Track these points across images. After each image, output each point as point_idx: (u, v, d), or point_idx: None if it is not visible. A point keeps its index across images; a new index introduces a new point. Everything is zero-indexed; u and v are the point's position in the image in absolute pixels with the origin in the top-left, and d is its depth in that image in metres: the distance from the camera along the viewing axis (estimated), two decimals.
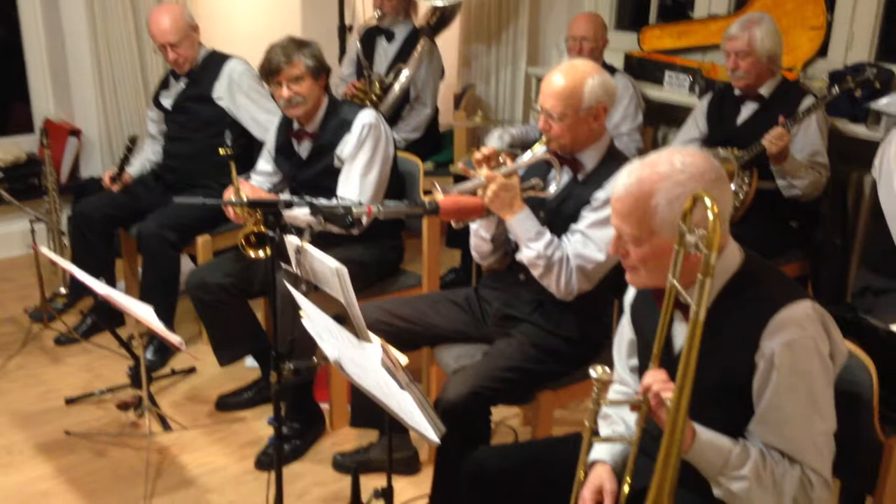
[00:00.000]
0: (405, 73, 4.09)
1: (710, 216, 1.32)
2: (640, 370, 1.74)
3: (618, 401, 1.55)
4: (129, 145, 3.57)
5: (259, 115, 3.44)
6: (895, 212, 2.47)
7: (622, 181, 1.58)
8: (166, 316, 3.24)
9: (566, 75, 2.25)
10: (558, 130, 2.26)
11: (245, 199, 2.55)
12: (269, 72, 2.84)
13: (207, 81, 3.49)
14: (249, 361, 3.27)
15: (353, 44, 4.30)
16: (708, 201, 1.33)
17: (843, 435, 1.56)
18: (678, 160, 1.53)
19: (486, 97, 4.90)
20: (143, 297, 3.25)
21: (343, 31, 4.51)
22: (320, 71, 2.88)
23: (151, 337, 3.25)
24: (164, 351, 3.40)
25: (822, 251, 3.26)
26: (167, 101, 3.61)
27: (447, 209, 2.21)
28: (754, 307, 1.53)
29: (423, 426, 1.70)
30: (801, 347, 1.48)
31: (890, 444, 1.67)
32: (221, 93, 3.47)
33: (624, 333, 1.86)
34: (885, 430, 1.70)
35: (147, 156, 3.70)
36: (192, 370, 3.33)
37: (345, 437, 2.92)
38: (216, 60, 3.51)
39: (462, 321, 2.52)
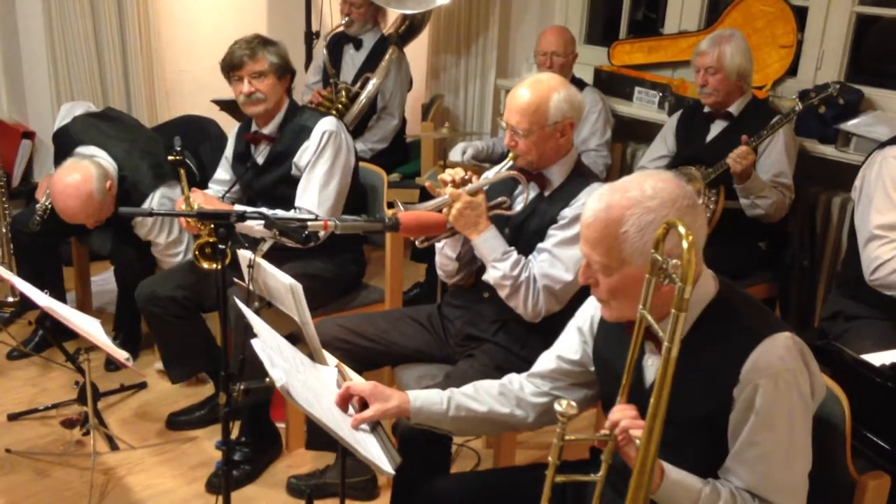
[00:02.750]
0: (373, 82, 4.01)
1: (685, 245, 1.24)
2: (607, 402, 1.66)
3: (582, 437, 1.47)
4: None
5: None
6: (867, 235, 2.43)
7: (592, 206, 1.50)
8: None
9: (531, 90, 2.20)
10: (524, 147, 2.20)
11: (195, 210, 2.44)
12: (231, 66, 2.76)
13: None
14: None
15: (320, 51, 4.21)
16: (682, 229, 1.25)
17: (812, 471, 1.49)
18: (649, 185, 1.46)
19: (454, 109, 4.84)
20: (120, 310, 3.38)
21: (310, 37, 4.41)
22: (284, 70, 2.80)
23: None
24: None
25: (791, 273, 3.23)
26: None
27: (408, 225, 2.12)
28: (733, 339, 1.46)
29: (378, 457, 1.61)
30: (782, 382, 1.42)
31: (863, 481, 1.60)
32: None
33: (567, 348, 1.79)
34: (856, 465, 1.63)
35: None
36: (142, 385, 3.20)
37: (301, 459, 2.81)
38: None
39: (424, 340, 2.45)
